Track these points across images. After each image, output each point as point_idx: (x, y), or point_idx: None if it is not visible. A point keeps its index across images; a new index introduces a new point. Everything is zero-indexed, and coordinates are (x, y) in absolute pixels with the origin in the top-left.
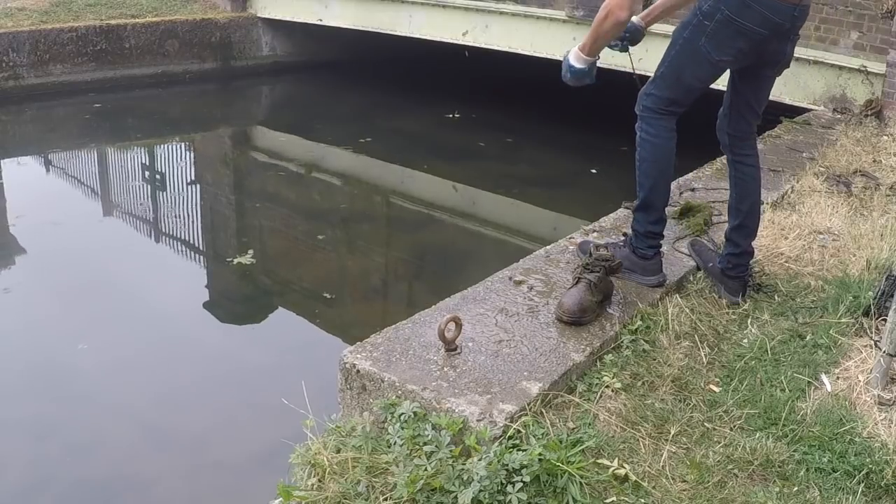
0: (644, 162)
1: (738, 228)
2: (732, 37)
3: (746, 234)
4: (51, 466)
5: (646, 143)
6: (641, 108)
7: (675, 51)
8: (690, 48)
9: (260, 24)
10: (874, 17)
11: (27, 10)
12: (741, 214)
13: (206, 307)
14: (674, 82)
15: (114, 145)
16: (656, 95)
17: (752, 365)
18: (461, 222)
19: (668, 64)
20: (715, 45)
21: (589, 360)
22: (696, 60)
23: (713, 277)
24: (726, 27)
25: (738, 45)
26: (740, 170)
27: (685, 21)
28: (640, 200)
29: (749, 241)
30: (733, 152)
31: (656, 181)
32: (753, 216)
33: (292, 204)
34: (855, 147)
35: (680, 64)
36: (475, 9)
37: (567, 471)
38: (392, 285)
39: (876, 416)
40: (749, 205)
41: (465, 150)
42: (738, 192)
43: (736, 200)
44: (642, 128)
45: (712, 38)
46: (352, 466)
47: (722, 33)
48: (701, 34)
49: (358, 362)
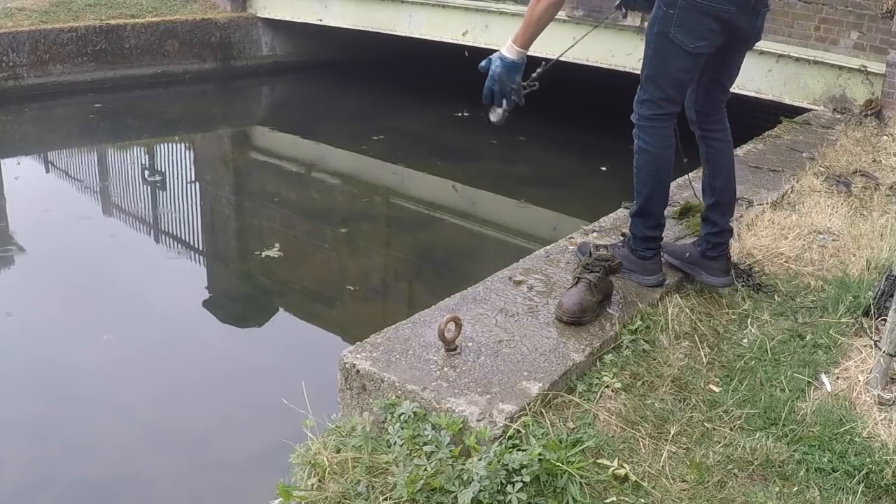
0: (641, 170)
1: (714, 206)
2: (699, 20)
3: (723, 211)
4: (51, 466)
5: (643, 153)
6: (637, 118)
7: (651, 49)
8: (664, 42)
9: (260, 24)
10: (874, 17)
11: (27, 10)
12: (716, 192)
13: (206, 307)
14: (660, 80)
15: (114, 145)
16: (649, 100)
17: (752, 365)
18: (461, 222)
19: (650, 64)
20: (685, 32)
21: (589, 360)
22: (674, 52)
23: (694, 267)
24: (690, 11)
25: (707, 27)
26: (710, 145)
27: (652, 17)
28: (638, 207)
29: (726, 219)
30: (702, 128)
31: (653, 189)
32: (728, 191)
33: (292, 204)
34: (855, 147)
35: (660, 60)
36: (475, 9)
37: (567, 471)
38: (392, 285)
39: (876, 416)
40: (723, 180)
41: (465, 150)
42: (711, 168)
43: (710, 177)
44: (639, 136)
45: (681, 25)
46: (352, 466)
47: (689, 18)
48: (669, 24)
49: (358, 362)
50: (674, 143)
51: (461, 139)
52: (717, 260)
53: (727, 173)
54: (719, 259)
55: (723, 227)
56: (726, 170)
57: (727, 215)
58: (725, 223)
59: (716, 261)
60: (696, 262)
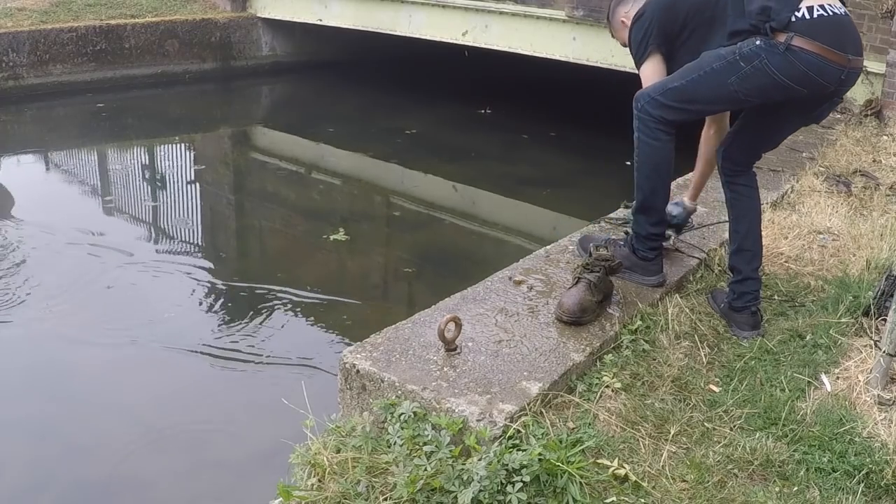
0: (643, 164)
1: (738, 253)
2: (767, 87)
3: (748, 258)
4: (51, 466)
5: (644, 146)
6: (640, 108)
7: (699, 75)
8: (716, 81)
9: (260, 24)
10: (874, 17)
11: (27, 10)
12: (738, 236)
13: (206, 307)
14: (684, 101)
15: (114, 145)
16: (661, 102)
17: (751, 365)
18: (461, 222)
19: (687, 83)
20: (745, 86)
21: (589, 360)
22: (718, 93)
23: (725, 318)
24: (762, 76)
25: (770, 95)
26: (735, 190)
27: (719, 52)
28: (640, 203)
29: (752, 267)
30: (727, 178)
31: (655, 184)
32: (752, 238)
33: (292, 204)
34: (855, 147)
35: (698, 89)
36: (475, 9)
37: (567, 471)
38: (392, 285)
39: (876, 416)
40: (747, 225)
41: (465, 149)
42: (735, 213)
43: (733, 221)
44: (640, 129)
45: (744, 80)
46: (352, 466)
47: (756, 80)
48: (732, 73)
49: (358, 362)
50: (674, 136)
51: (461, 139)
52: (742, 312)
53: (751, 219)
54: (744, 311)
55: (747, 276)
56: (750, 216)
57: (752, 263)
58: (750, 271)
59: (741, 312)
60: (726, 315)
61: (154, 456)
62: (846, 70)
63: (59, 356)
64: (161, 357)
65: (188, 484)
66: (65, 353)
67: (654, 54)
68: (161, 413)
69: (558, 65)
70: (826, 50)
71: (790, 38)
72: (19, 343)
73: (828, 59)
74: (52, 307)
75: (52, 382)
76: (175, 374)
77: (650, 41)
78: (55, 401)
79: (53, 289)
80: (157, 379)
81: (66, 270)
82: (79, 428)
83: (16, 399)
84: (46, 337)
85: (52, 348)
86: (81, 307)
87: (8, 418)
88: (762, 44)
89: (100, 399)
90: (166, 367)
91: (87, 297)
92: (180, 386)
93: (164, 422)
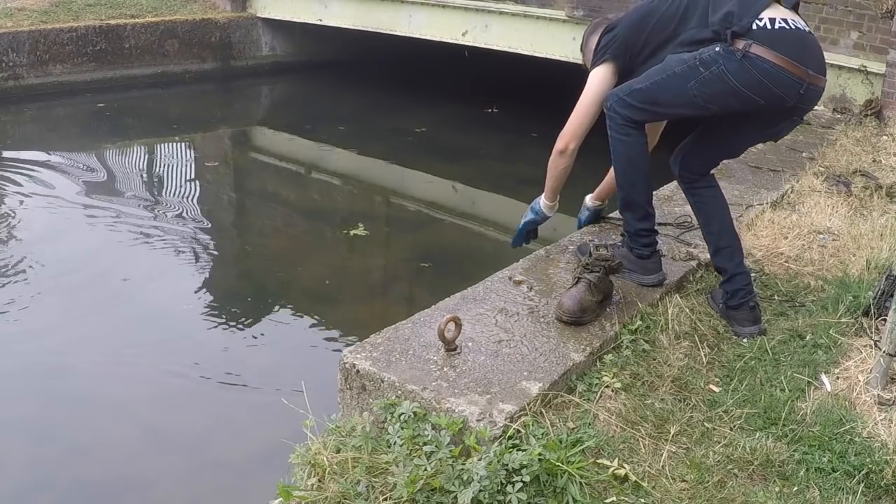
0: (618, 161)
1: (717, 253)
2: (724, 93)
3: (728, 255)
4: (51, 466)
5: (616, 143)
6: (609, 107)
7: (661, 78)
8: (677, 84)
9: (260, 24)
10: (874, 17)
11: (27, 10)
12: (713, 237)
13: (206, 307)
14: (647, 103)
15: (114, 145)
16: (628, 102)
17: (751, 365)
18: (461, 222)
19: (650, 84)
20: (704, 92)
21: (589, 360)
22: (679, 96)
23: (725, 318)
24: (719, 82)
25: (728, 102)
26: (696, 194)
27: (682, 57)
28: (622, 200)
29: (735, 262)
30: (687, 186)
31: (633, 178)
32: (728, 235)
33: (292, 204)
34: (855, 147)
35: (660, 92)
36: (475, 9)
37: (567, 471)
38: (392, 285)
39: (876, 416)
40: (718, 224)
41: (465, 149)
42: (703, 215)
43: (704, 224)
44: (611, 126)
45: (704, 85)
46: (352, 466)
47: (714, 86)
48: (692, 77)
49: (358, 362)
50: (644, 131)
51: (461, 139)
52: (739, 309)
53: (720, 217)
54: (741, 308)
55: (733, 272)
56: (719, 214)
57: (734, 259)
58: (735, 267)
59: (738, 310)
60: (725, 314)
61: (154, 456)
62: (805, 84)
63: (60, 356)
64: (161, 357)
65: (188, 484)
66: (65, 354)
67: (610, 64)
68: (161, 413)
69: (558, 65)
70: (784, 60)
71: (748, 45)
72: (19, 343)
73: (785, 70)
74: (52, 306)
75: (52, 382)
76: (175, 374)
77: (611, 51)
78: (55, 401)
79: (52, 288)
80: (156, 379)
81: (65, 270)
82: (79, 428)
83: (16, 399)
84: (46, 337)
85: (53, 348)
86: (81, 307)
87: (8, 418)
88: (721, 50)
89: (100, 399)
90: (166, 367)
91: (88, 297)
92: (180, 386)
93: (164, 422)
